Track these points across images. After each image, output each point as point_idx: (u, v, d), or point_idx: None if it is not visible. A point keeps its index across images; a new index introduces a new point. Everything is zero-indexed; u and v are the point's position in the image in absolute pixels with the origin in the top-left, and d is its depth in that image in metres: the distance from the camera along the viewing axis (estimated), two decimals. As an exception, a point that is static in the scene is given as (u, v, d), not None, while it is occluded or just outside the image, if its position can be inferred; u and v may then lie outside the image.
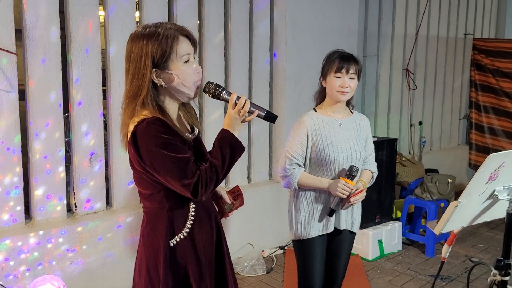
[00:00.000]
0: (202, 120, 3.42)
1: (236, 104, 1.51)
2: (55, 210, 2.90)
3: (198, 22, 3.49)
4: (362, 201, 2.16)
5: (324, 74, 2.21)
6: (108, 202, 3.18)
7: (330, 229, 2.24)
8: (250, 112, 1.52)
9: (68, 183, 3.05)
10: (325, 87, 2.22)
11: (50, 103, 2.80)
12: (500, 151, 2.03)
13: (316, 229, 2.22)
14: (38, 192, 2.83)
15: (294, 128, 2.22)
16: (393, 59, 5.11)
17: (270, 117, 1.53)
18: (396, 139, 4.18)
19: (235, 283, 1.75)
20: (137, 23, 3.20)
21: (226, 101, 1.54)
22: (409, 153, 5.39)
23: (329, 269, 2.31)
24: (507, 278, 1.63)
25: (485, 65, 5.73)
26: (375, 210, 3.98)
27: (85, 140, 2.97)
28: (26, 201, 2.85)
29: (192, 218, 1.56)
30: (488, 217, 1.71)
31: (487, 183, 1.56)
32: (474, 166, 5.94)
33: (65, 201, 2.94)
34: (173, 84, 1.50)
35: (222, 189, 1.80)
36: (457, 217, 1.61)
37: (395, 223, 4.07)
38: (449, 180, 4.20)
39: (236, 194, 1.80)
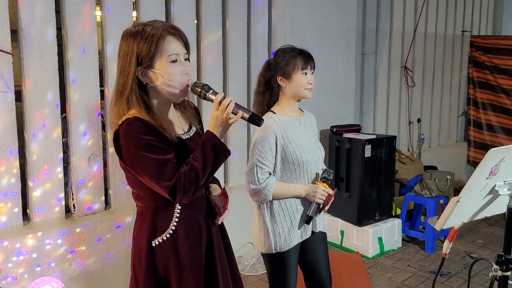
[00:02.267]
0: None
1: (220, 104, 1.45)
2: (54, 211, 2.88)
3: (195, 21, 3.48)
4: (362, 198, 2.14)
5: (287, 73, 2.06)
6: (107, 202, 3.16)
7: (308, 234, 2.14)
8: (235, 113, 1.46)
9: (66, 184, 3.04)
10: (281, 87, 2.10)
11: (47, 103, 2.79)
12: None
13: (296, 237, 2.10)
14: (36, 193, 2.81)
15: (260, 135, 2.04)
16: (392, 56, 5.11)
17: (255, 120, 1.46)
18: (395, 137, 4.18)
19: (237, 280, 1.73)
20: (133, 23, 3.18)
21: (211, 101, 1.48)
22: (408, 150, 5.39)
23: (316, 276, 2.20)
24: (508, 273, 1.63)
25: (482, 62, 5.73)
26: (375, 208, 3.98)
27: (83, 141, 2.96)
28: (24, 203, 2.83)
29: (176, 219, 1.55)
30: (488, 212, 1.70)
31: (487, 178, 1.55)
32: (473, 163, 5.95)
33: (63, 202, 2.93)
34: (158, 83, 1.48)
35: (215, 192, 1.71)
36: (458, 213, 1.60)
37: (395, 220, 4.06)
38: (448, 176, 4.20)
39: (225, 196, 1.70)
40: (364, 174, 3.91)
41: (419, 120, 5.35)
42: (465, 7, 5.94)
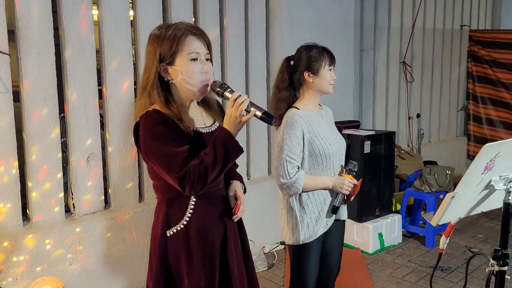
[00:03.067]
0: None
1: (234, 102, 1.50)
2: (53, 211, 2.89)
3: (193, 19, 3.48)
4: (362, 194, 2.18)
5: (315, 69, 2.15)
6: (107, 202, 3.17)
7: (331, 222, 2.23)
8: (248, 111, 1.50)
9: (66, 183, 3.05)
10: (306, 82, 2.17)
11: (45, 103, 2.79)
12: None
13: (322, 227, 2.19)
14: (35, 194, 2.82)
15: (287, 131, 2.11)
16: (390, 52, 5.10)
17: (267, 118, 1.50)
18: (394, 132, 4.18)
19: (252, 280, 1.77)
20: (131, 22, 3.18)
21: (228, 99, 1.54)
22: (408, 145, 5.39)
23: (326, 262, 2.28)
24: (505, 268, 1.63)
25: (481, 56, 5.72)
26: (375, 203, 3.98)
27: (81, 140, 2.96)
28: (24, 203, 2.84)
29: (190, 211, 1.60)
30: (485, 207, 1.70)
31: (483, 173, 1.56)
32: (473, 157, 5.89)
33: (63, 202, 2.94)
34: (178, 80, 1.56)
35: (236, 189, 1.74)
36: (454, 208, 1.60)
37: (395, 216, 4.07)
38: (447, 171, 4.20)
39: (235, 198, 1.74)
40: (364, 170, 3.91)
41: (418, 115, 5.34)
42: (463, 2, 5.92)
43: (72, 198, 2.98)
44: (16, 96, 2.71)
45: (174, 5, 3.31)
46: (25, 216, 2.87)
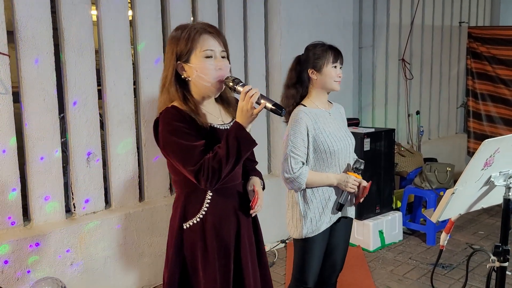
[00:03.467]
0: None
1: (245, 95, 1.55)
2: (54, 212, 2.90)
3: (192, 18, 3.47)
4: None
5: (318, 66, 2.19)
6: (107, 201, 3.17)
7: (336, 218, 2.25)
8: (258, 103, 1.53)
9: (66, 184, 3.05)
10: (311, 79, 2.21)
11: (44, 104, 2.79)
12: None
13: (325, 222, 2.21)
14: (36, 194, 2.82)
15: (292, 127, 2.16)
16: (389, 49, 5.10)
17: (277, 110, 1.52)
18: (394, 130, 4.18)
19: (266, 276, 1.80)
20: (130, 22, 3.18)
21: (240, 93, 1.58)
22: (408, 143, 5.39)
23: (330, 258, 2.30)
24: (506, 264, 1.63)
25: (481, 53, 5.71)
26: (375, 201, 3.98)
27: (81, 140, 2.96)
28: (24, 203, 2.85)
29: (207, 205, 1.65)
30: (485, 203, 1.70)
31: (482, 169, 1.56)
32: (473, 154, 5.92)
33: (63, 202, 2.94)
34: (194, 76, 1.61)
35: (254, 184, 1.77)
36: (454, 205, 1.60)
37: (396, 213, 4.07)
38: (448, 168, 4.21)
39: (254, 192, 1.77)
40: (364, 168, 3.90)
41: (418, 113, 5.34)
42: (462, -2, 5.92)
43: (73, 198, 2.99)
44: (16, 97, 2.71)
45: (173, 5, 3.31)
46: (26, 217, 2.87)
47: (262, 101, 1.52)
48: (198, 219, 1.64)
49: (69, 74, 2.88)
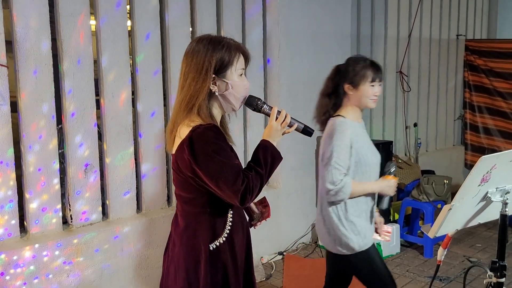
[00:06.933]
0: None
1: (277, 117, 1.61)
2: (51, 223, 2.88)
3: (190, 29, 3.50)
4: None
5: (355, 83, 2.16)
6: (104, 213, 3.16)
7: (373, 221, 2.27)
8: (290, 126, 1.62)
9: (63, 195, 3.04)
10: (347, 94, 2.19)
11: (43, 114, 2.79)
12: (496, 150, 2.03)
13: (369, 229, 2.22)
14: (32, 205, 2.81)
15: (336, 138, 2.12)
16: (387, 61, 5.13)
17: (308, 131, 1.64)
18: (391, 142, 4.20)
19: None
20: (128, 33, 3.20)
21: (267, 114, 1.64)
22: (405, 155, 5.40)
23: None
24: (503, 279, 1.63)
25: (478, 65, 5.75)
26: (373, 213, 3.97)
27: (79, 151, 2.96)
28: (21, 215, 2.83)
29: (230, 223, 1.64)
30: (482, 219, 1.71)
31: (479, 185, 1.56)
32: (470, 166, 5.95)
33: (60, 213, 2.92)
34: (226, 93, 1.59)
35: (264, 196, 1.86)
36: (451, 220, 1.61)
37: (393, 226, 4.06)
38: (445, 181, 4.21)
39: (264, 205, 1.87)
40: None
41: (415, 125, 5.36)
42: (459, 11, 5.97)
43: (70, 210, 2.97)
44: (14, 107, 2.72)
45: (171, 16, 3.33)
46: (23, 228, 2.86)
47: (294, 123, 1.63)
48: (224, 238, 1.62)
49: (67, 85, 2.88)
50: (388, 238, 2.33)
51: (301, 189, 4.15)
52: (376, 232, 2.31)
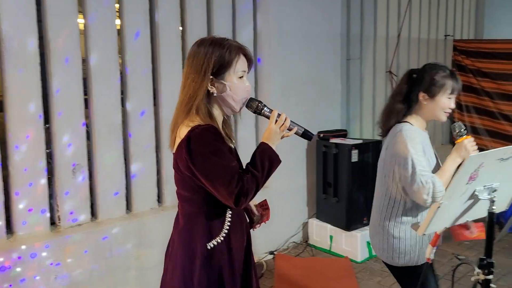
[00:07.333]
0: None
1: (277, 120, 1.61)
2: (38, 224, 2.84)
3: (180, 28, 3.48)
4: (350, 203, 2.18)
5: (432, 92, 2.03)
6: (93, 213, 3.13)
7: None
8: (289, 129, 1.62)
9: (51, 195, 3.00)
10: (421, 103, 2.06)
11: (29, 114, 2.76)
12: (483, 149, 2.05)
13: (425, 241, 2.12)
14: (19, 206, 2.77)
15: (411, 146, 1.98)
16: (376, 61, 5.16)
17: (307, 135, 1.65)
18: (381, 141, 4.21)
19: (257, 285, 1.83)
20: (118, 31, 3.17)
21: (267, 117, 1.64)
22: (395, 154, 5.42)
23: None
24: (491, 276, 1.65)
25: (466, 65, 5.81)
26: (363, 212, 3.99)
27: (67, 151, 2.93)
28: (7, 216, 2.79)
29: (228, 223, 1.64)
30: (470, 216, 1.72)
31: (467, 183, 1.58)
32: (459, 165, 6.01)
33: (48, 214, 2.89)
34: (224, 94, 1.59)
35: (252, 201, 1.84)
36: (440, 218, 1.62)
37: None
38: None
39: (264, 207, 1.89)
40: (352, 179, 3.93)
41: (405, 124, 5.38)
42: (447, 12, 6.03)
43: (58, 210, 2.94)
44: (0, 107, 2.68)
45: (161, 15, 3.31)
46: (9, 229, 2.82)
47: (293, 127, 1.63)
48: (222, 238, 1.63)
49: (54, 84, 2.85)
50: None
51: (292, 188, 4.16)
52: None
